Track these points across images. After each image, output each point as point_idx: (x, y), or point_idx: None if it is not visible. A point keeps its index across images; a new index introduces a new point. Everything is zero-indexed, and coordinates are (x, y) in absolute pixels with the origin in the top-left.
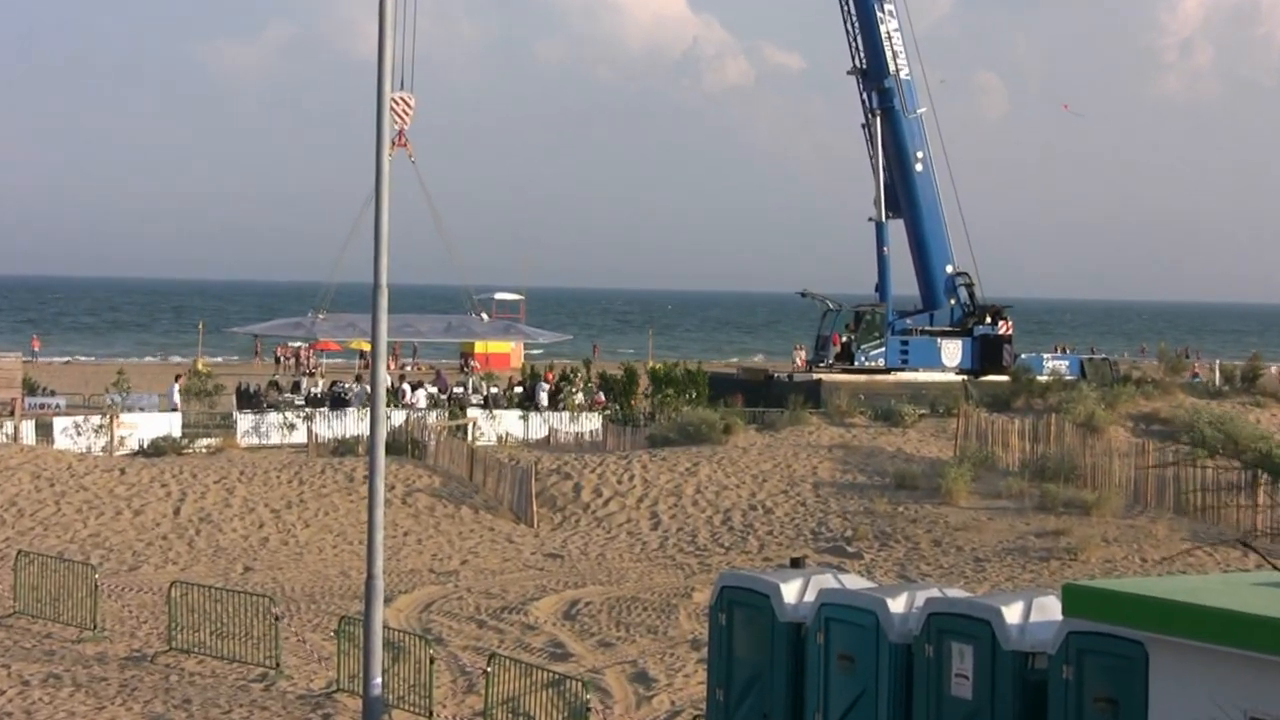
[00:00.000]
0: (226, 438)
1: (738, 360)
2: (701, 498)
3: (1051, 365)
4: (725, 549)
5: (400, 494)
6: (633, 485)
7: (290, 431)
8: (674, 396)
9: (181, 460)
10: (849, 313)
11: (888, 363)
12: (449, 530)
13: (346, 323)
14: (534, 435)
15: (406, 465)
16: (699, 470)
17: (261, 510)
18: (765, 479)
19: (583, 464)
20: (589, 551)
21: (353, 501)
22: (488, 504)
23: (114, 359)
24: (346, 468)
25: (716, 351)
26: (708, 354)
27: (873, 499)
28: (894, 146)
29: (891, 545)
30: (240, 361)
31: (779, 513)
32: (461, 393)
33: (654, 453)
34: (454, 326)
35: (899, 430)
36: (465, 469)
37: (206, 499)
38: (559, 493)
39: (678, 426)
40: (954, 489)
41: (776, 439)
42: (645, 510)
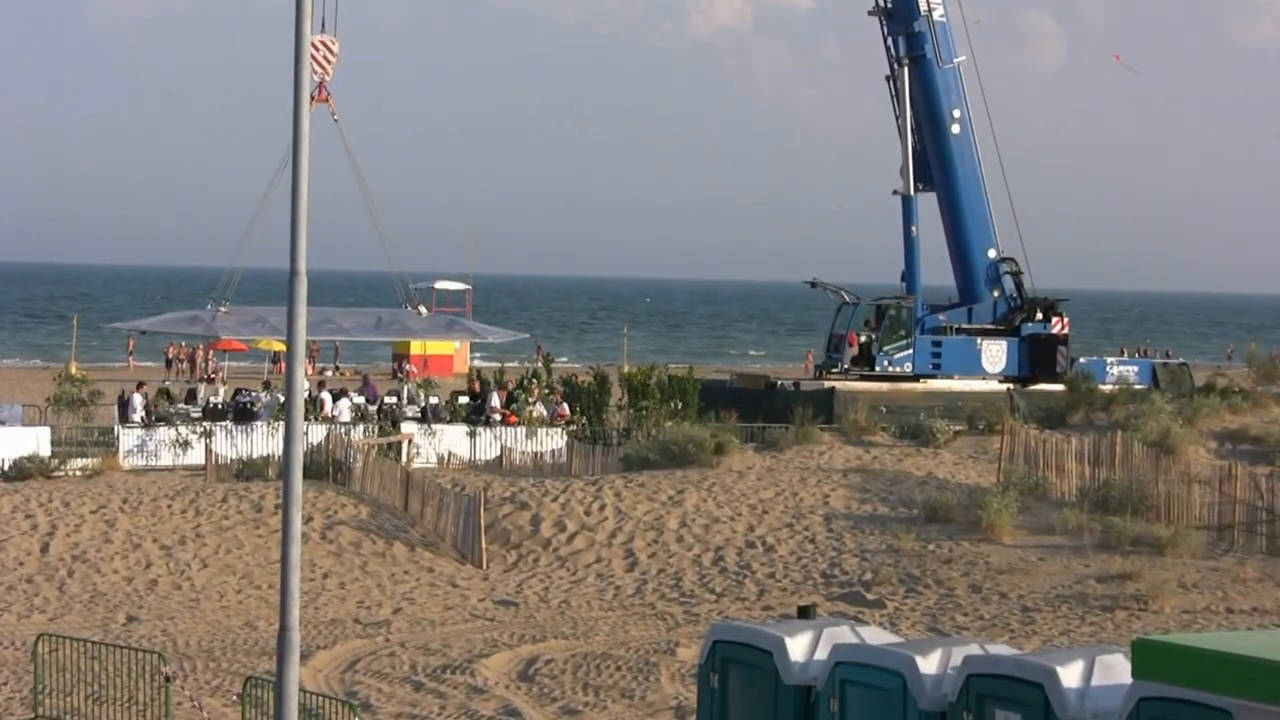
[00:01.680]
0: (106, 457)
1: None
2: (688, 533)
3: (1116, 371)
4: (717, 595)
5: (319, 527)
6: (604, 517)
7: (184, 450)
8: (654, 409)
9: (50, 485)
10: (868, 307)
11: (916, 368)
12: (379, 572)
13: (254, 317)
14: (483, 455)
15: (327, 492)
16: (685, 499)
17: (149, 546)
18: (766, 510)
19: (542, 491)
20: (550, 598)
21: (261, 536)
22: (426, 540)
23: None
24: (254, 495)
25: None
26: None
27: (897, 535)
28: (925, 104)
29: (920, 591)
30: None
31: (782, 551)
32: (394, 403)
33: (630, 477)
34: (385, 323)
35: (929, 450)
36: (399, 497)
37: (81, 532)
38: (514, 526)
39: (659, 445)
40: (997, 522)
41: (779, 461)
42: (619, 548)
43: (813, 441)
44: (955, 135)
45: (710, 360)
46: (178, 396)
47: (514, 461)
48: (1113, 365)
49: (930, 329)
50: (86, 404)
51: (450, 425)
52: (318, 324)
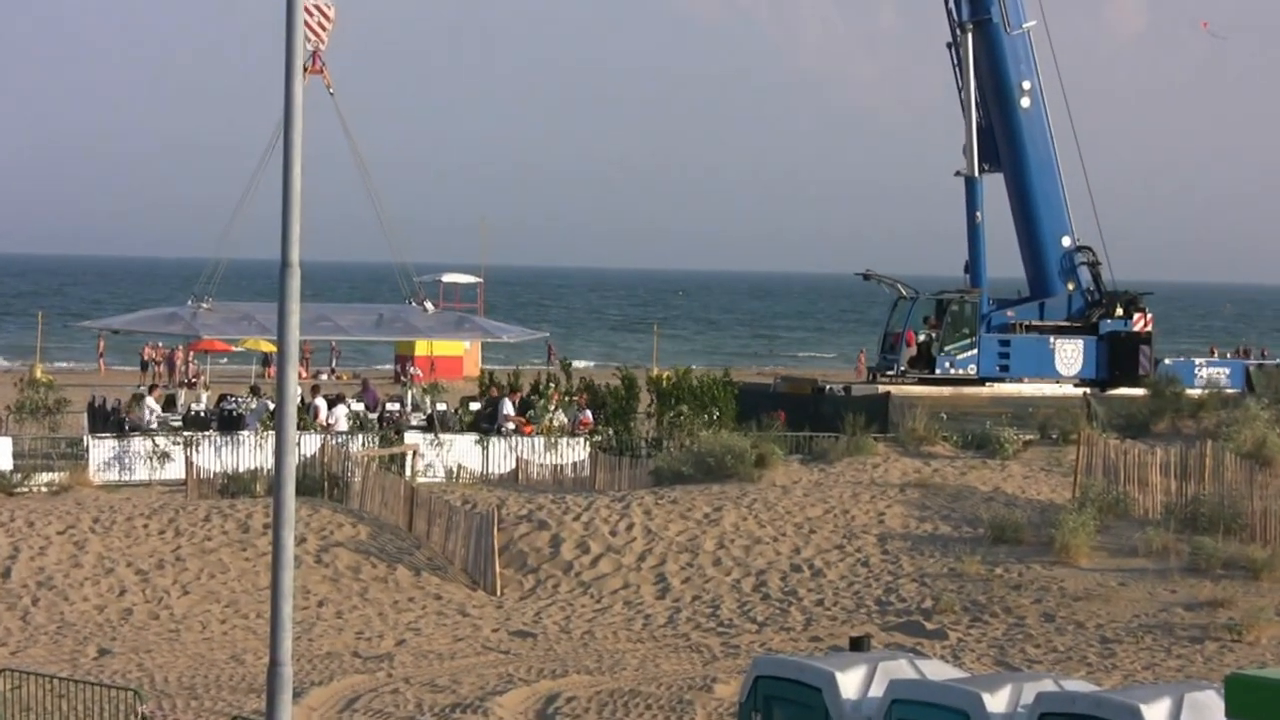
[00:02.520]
0: (75, 471)
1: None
2: (726, 555)
3: (1206, 374)
4: (759, 625)
5: (314, 549)
6: (632, 538)
7: (163, 463)
8: (688, 416)
9: (13, 502)
10: (928, 302)
11: (981, 370)
12: (380, 599)
13: (240, 315)
14: (497, 469)
15: (322, 510)
16: (722, 517)
17: (123, 571)
18: (813, 529)
19: (563, 508)
20: (572, 628)
21: (248, 560)
22: (433, 563)
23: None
24: (240, 513)
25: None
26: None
27: (961, 557)
28: (991, 74)
29: (987, 620)
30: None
31: (832, 575)
32: (397, 411)
33: (661, 493)
34: (387, 321)
35: (996, 462)
36: (403, 515)
37: (47, 556)
38: (531, 548)
39: (693, 457)
40: (1072, 543)
41: (829, 474)
42: (649, 572)
43: (866, 452)
44: (1024, 109)
45: (751, 362)
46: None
47: (531, 475)
48: (1201, 367)
49: (997, 326)
50: (53, 412)
51: (460, 435)
52: (312, 322)
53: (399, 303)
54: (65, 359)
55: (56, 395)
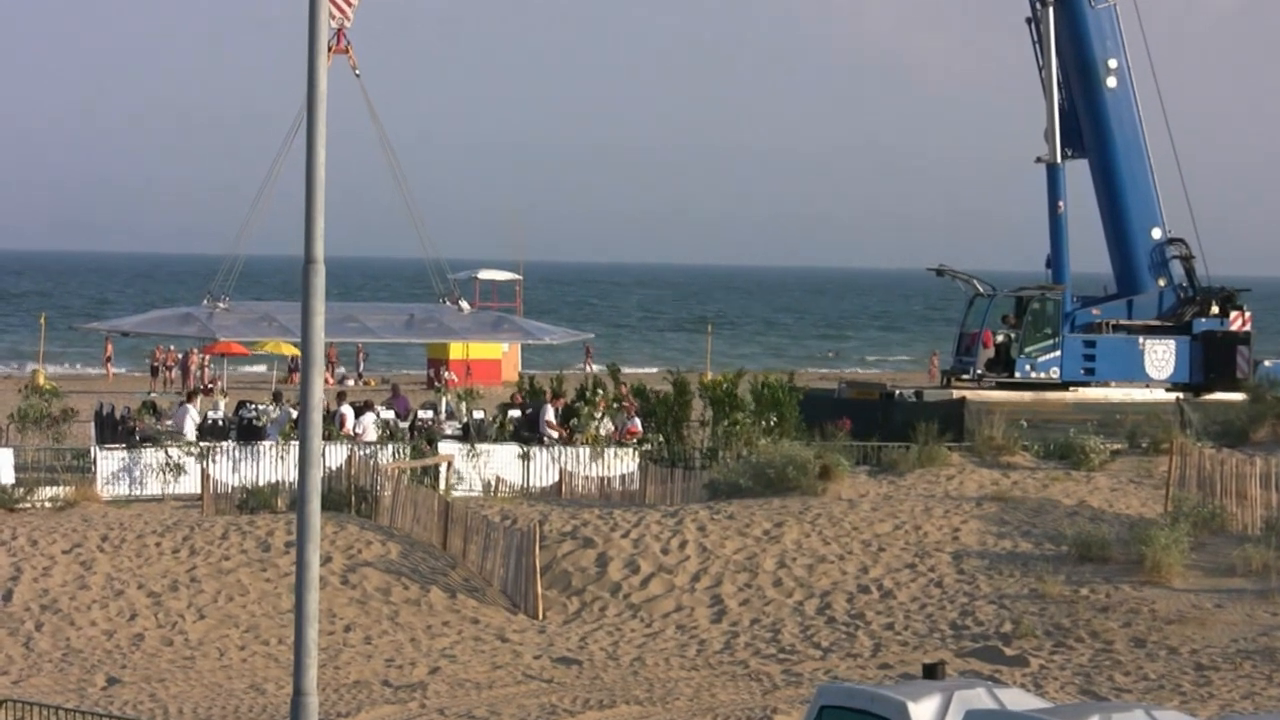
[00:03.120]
0: (81, 486)
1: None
2: (787, 575)
3: None
4: (823, 651)
5: (340, 569)
6: (685, 556)
7: (176, 477)
8: (745, 424)
9: (15, 519)
10: (1006, 299)
11: (1064, 374)
12: (412, 623)
13: (259, 315)
14: (538, 481)
15: (349, 526)
16: (784, 534)
17: (134, 593)
18: (883, 546)
19: (611, 524)
20: (620, 655)
21: (269, 581)
22: (470, 585)
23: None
24: (259, 530)
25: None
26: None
27: (1043, 577)
28: (1074, 51)
29: (1071, 646)
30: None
31: (903, 597)
32: (430, 419)
33: (716, 508)
34: (418, 321)
35: (1081, 474)
36: (436, 532)
37: (51, 577)
38: (576, 568)
39: (751, 468)
40: (1164, 562)
41: (899, 487)
42: (704, 593)
43: (939, 463)
44: (1111, 90)
45: (814, 365)
46: (167, 411)
47: (576, 489)
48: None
49: (1082, 326)
50: (57, 421)
51: (498, 445)
52: (338, 323)
53: (431, 302)
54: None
55: (61, 403)
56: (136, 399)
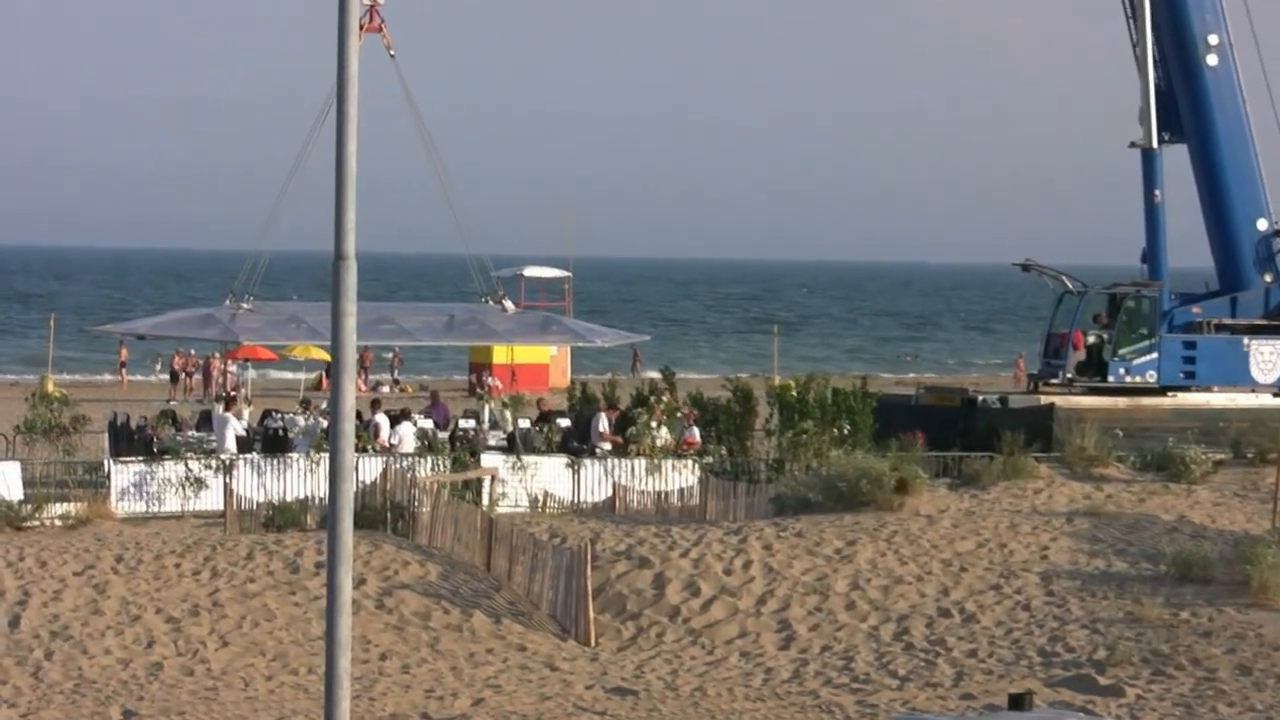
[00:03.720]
0: (94, 502)
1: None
2: (861, 597)
3: None
4: (900, 680)
5: (375, 592)
6: (749, 577)
7: (197, 491)
8: (814, 434)
9: (22, 538)
10: (1098, 296)
11: (1162, 377)
12: (453, 651)
13: (286, 317)
14: (590, 496)
15: (385, 546)
16: (856, 552)
17: (151, 619)
18: (965, 566)
19: (669, 543)
20: (679, 685)
21: (298, 605)
22: (516, 608)
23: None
24: (288, 550)
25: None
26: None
27: (1139, 599)
28: (1171, 27)
29: (1171, 674)
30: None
31: (986, 621)
32: (472, 428)
33: (783, 524)
34: (459, 323)
35: (1181, 486)
36: (479, 552)
37: (62, 601)
38: (631, 590)
39: (821, 482)
40: (1272, 583)
41: (982, 501)
42: (770, 617)
43: (1026, 475)
44: (1212, 69)
45: (890, 369)
46: (187, 421)
47: (630, 504)
48: None
49: (1181, 325)
50: (68, 431)
51: (546, 456)
52: (371, 325)
53: (473, 301)
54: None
55: (72, 412)
56: (154, 407)
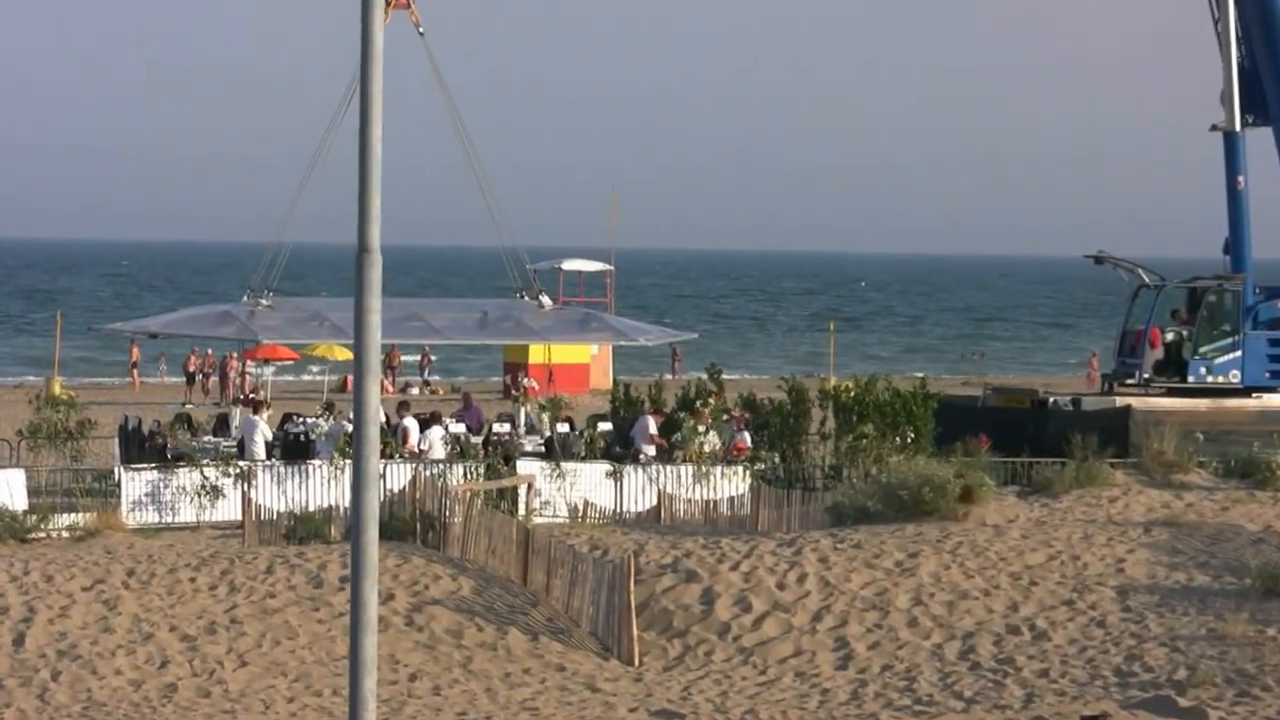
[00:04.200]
0: (104, 512)
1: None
2: (924, 613)
3: None
4: (966, 702)
5: (404, 608)
6: (804, 592)
7: (213, 501)
8: (874, 438)
9: (27, 551)
10: (1177, 290)
11: (1246, 378)
12: (488, 671)
13: (308, 314)
14: (634, 505)
15: (414, 558)
16: (918, 565)
17: (165, 637)
18: (1035, 580)
19: (718, 555)
20: (729, 708)
21: (321, 622)
22: (554, 625)
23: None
24: (310, 563)
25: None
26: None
27: (1223, 615)
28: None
29: (1257, 695)
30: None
31: (1059, 638)
32: (507, 433)
33: (841, 535)
34: (493, 320)
35: (1267, 494)
36: (515, 565)
37: (70, 618)
38: (677, 605)
39: (881, 490)
40: None
41: (1053, 510)
42: (826, 635)
43: (1100, 483)
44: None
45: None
46: (203, 425)
47: (677, 514)
48: None
49: (1266, 321)
50: (75, 437)
51: (587, 463)
52: (399, 322)
53: (508, 297)
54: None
55: (80, 416)
56: (168, 411)
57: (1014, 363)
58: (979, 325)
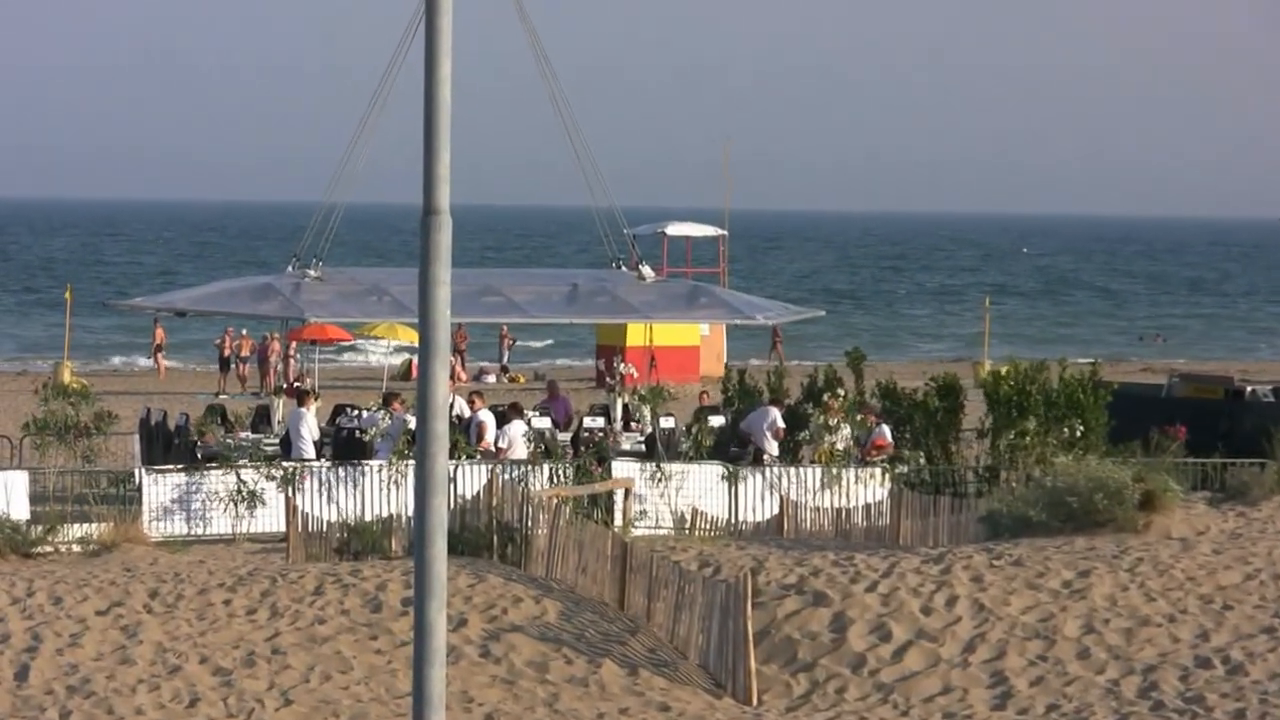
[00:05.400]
0: (122, 522)
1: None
2: (1097, 643)
3: None
4: None
5: (478, 636)
6: (954, 617)
7: (252, 509)
8: (1037, 435)
9: (31, 568)
10: None
11: None
12: (578, 710)
13: (364, 288)
14: (751, 515)
15: (490, 577)
16: (1090, 586)
17: (194, 670)
18: (1229, 604)
19: (850, 574)
20: None
21: (379, 653)
22: (657, 657)
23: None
24: (367, 583)
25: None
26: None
27: None
28: None
29: None
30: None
31: (1257, 673)
32: (600, 428)
33: (996, 550)
34: (584, 294)
35: None
36: (610, 585)
37: (82, 648)
38: (803, 634)
39: (1045, 496)
40: None
41: (1251, 521)
42: (981, 668)
43: None
44: None
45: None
46: (239, 419)
47: (802, 524)
48: None
49: None
50: (88, 433)
51: (696, 465)
52: (472, 297)
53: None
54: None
55: (94, 408)
56: (198, 402)
57: (1203, 345)
58: (1176, 300)
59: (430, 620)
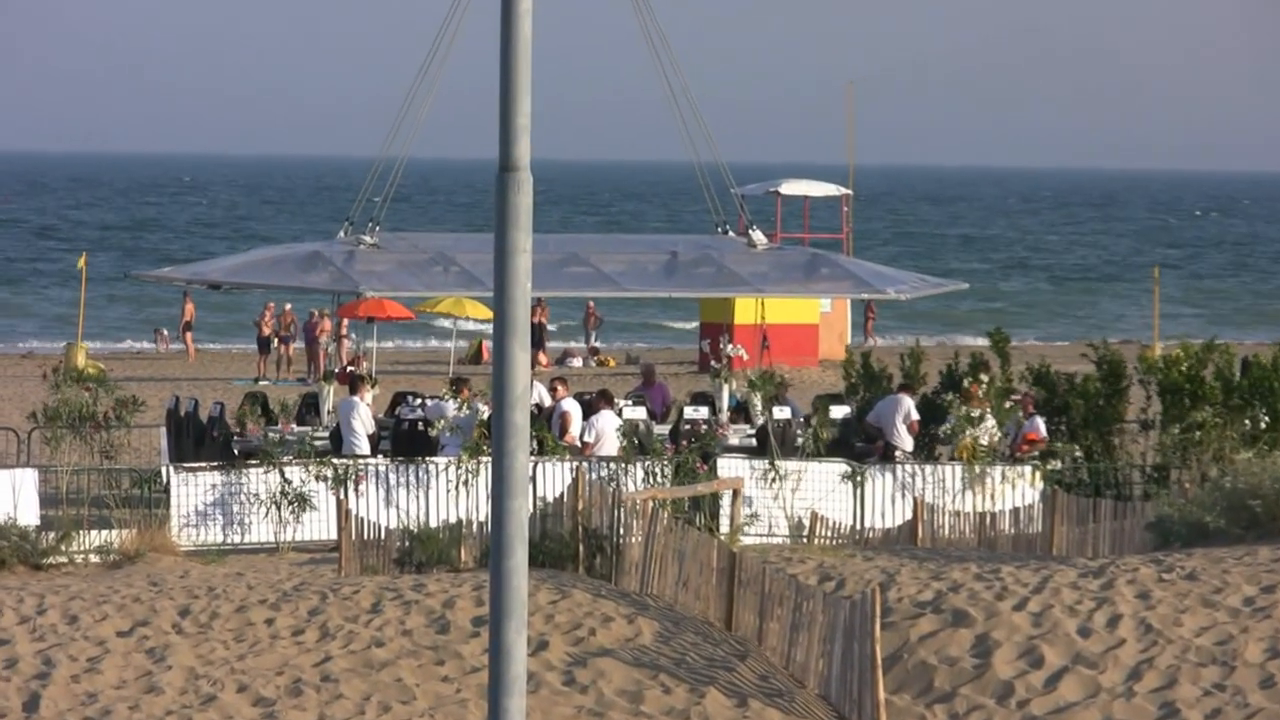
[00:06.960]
0: (148, 529)
1: None
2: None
3: None
4: None
5: (561, 661)
6: (1117, 640)
7: (297, 513)
8: (1214, 428)
9: (43, 582)
10: None
11: None
12: None
13: (428, 256)
14: (880, 520)
15: (575, 593)
16: (1276, 605)
17: (232, 700)
18: None
19: (996, 590)
20: None
21: (447, 680)
22: (769, 686)
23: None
24: (432, 599)
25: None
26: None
27: None
28: None
29: None
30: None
31: None
32: (704, 420)
33: (1167, 563)
34: (685, 264)
35: None
36: (716, 602)
37: (101, 674)
38: (941, 658)
39: (1224, 499)
40: None
41: None
42: (1148, 698)
43: None
44: None
45: None
46: (284, 409)
47: (940, 531)
48: None
49: None
50: (107, 424)
51: (815, 462)
52: (555, 266)
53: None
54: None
55: (113, 396)
56: (235, 389)
57: None
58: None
59: (508, 643)
